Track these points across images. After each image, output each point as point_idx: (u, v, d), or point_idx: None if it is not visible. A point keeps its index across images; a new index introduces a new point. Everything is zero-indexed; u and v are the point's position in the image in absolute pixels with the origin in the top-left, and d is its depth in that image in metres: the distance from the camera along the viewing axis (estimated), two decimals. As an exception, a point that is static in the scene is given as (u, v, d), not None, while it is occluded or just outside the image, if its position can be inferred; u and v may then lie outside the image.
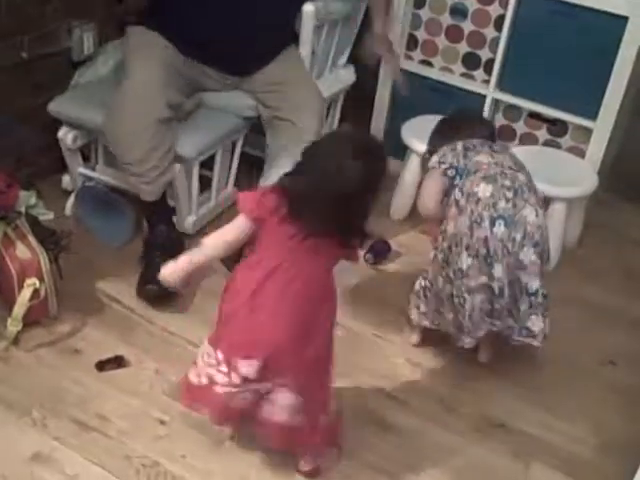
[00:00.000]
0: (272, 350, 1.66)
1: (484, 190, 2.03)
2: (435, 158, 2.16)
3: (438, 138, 2.28)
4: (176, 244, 2.43)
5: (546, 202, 2.68)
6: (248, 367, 1.66)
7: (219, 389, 1.71)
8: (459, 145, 2.14)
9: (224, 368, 1.69)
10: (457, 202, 2.06)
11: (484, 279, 2.04)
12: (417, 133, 2.81)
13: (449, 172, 2.10)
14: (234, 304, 1.70)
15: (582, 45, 2.73)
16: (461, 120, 2.33)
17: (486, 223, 2.01)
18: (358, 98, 3.18)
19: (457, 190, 2.07)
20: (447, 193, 2.11)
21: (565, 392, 2.25)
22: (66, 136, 2.60)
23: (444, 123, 2.35)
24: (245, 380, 1.68)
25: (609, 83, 2.72)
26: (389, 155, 1.70)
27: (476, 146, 2.15)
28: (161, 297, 2.29)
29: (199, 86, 2.61)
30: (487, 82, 2.96)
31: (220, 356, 1.69)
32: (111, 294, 2.36)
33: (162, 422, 1.97)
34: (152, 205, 2.44)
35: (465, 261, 2.03)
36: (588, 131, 2.84)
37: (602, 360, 2.39)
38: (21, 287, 2.12)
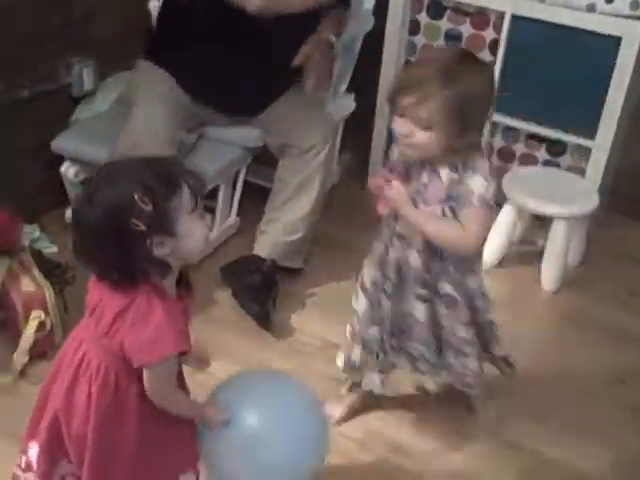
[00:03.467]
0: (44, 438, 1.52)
1: None
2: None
3: None
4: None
5: (547, 221, 2.71)
6: (32, 450, 1.55)
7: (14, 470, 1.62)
8: None
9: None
10: None
11: None
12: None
13: None
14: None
15: (577, 66, 2.76)
16: None
17: None
18: (358, 127, 3.20)
19: None
20: None
21: (575, 411, 2.24)
22: (68, 171, 2.62)
23: None
24: (28, 467, 1.56)
25: (606, 102, 2.74)
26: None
27: None
28: None
29: (203, 122, 2.63)
30: (484, 105, 2.98)
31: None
32: (116, 325, 2.35)
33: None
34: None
35: None
36: (587, 150, 2.86)
37: (610, 378, 2.38)
38: (27, 320, 2.12)
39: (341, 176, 3.24)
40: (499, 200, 2.82)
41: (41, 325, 2.13)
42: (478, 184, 1.64)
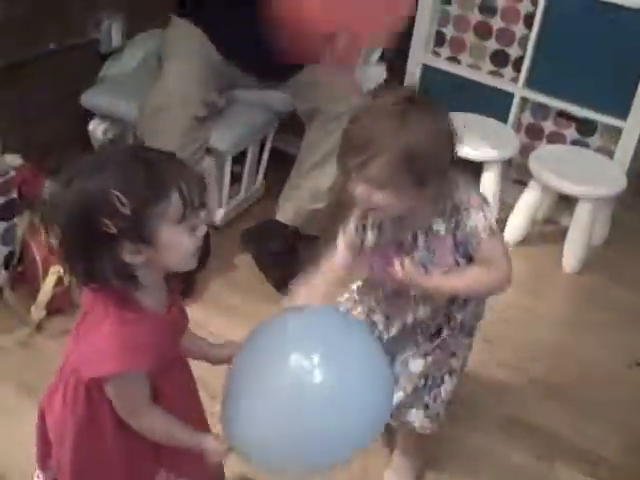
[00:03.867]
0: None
1: None
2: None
3: None
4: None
5: (572, 201, 2.68)
6: None
7: None
8: None
9: None
10: None
11: None
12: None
13: None
14: None
15: (613, 43, 2.71)
16: None
17: None
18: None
19: None
20: None
21: (592, 394, 2.23)
22: (97, 128, 2.61)
23: None
24: None
25: (640, 82, 2.69)
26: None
27: None
28: None
29: (233, 84, 2.61)
30: (515, 80, 2.94)
31: None
32: (134, 284, 2.36)
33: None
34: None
35: None
36: (618, 131, 2.81)
37: (629, 361, 2.35)
38: (46, 274, 2.13)
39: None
40: (524, 178, 2.82)
41: (59, 280, 2.14)
42: (478, 219, 1.52)
